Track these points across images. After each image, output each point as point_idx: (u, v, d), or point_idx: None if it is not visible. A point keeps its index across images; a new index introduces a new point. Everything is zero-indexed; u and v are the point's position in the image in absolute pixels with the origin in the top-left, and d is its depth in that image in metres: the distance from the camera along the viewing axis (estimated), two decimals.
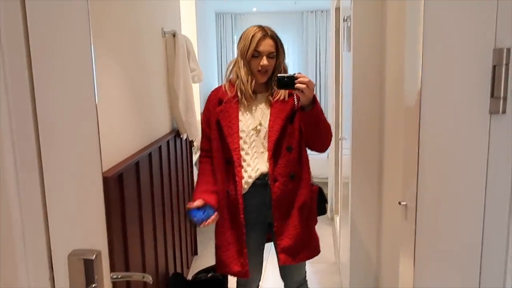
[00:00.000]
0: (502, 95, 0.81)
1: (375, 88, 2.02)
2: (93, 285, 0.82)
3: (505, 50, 0.81)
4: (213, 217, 1.64)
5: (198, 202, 1.64)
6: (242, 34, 1.69)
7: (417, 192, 0.93)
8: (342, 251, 2.68)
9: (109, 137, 1.53)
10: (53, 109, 0.76)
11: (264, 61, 1.62)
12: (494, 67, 0.82)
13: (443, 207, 0.92)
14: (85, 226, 0.83)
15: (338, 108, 3.21)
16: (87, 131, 0.79)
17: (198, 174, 1.79)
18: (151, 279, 0.90)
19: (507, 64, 0.81)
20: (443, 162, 0.89)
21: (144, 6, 2.13)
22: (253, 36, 1.62)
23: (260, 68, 1.63)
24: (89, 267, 0.83)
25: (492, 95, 0.83)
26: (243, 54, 1.65)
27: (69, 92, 0.76)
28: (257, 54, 1.62)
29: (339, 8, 3.01)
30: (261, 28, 1.65)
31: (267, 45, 1.63)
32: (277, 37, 1.67)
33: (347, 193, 2.33)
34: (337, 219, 3.30)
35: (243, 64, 1.65)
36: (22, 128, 0.75)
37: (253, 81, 1.66)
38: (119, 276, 1.01)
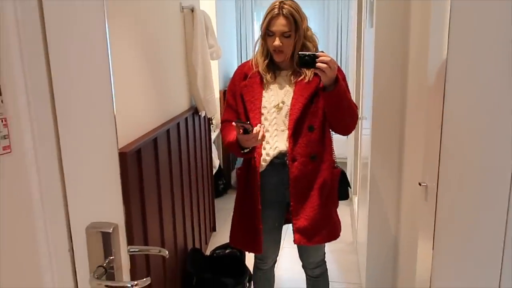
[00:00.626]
0: None
1: (397, 66, 1.95)
2: (111, 257, 0.84)
3: None
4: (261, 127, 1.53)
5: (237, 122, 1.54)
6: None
7: (438, 173, 0.90)
8: (360, 231, 2.67)
9: (127, 113, 1.54)
10: (69, 86, 0.76)
11: (277, 41, 1.57)
12: None
13: (465, 189, 0.89)
14: (102, 200, 0.85)
15: (358, 87, 3.14)
16: (103, 107, 0.79)
17: (224, 132, 1.71)
18: (167, 253, 0.91)
19: None
20: (466, 143, 0.86)
21: None
22: (267, 14, 1.58)
23: (273, 47, 1.59)
24: (106, 240, 0.84)
25: None
26: (261, 32, 1.62)
27: (85, 69, 0.76)
28: (271, 34, 1.58)
29: None
30: (277, 5, 1.57)
31: (279, 24, 1.57)
32: (293, 14, 1.57)
33: (366, 173, 2.30)
34: (356, 199, 3.28)
35: (261, 42, 1.64)
36: (40, 105, 0.76)
37: (266, 60, 1.64)
38: (137, 250, 1.03)
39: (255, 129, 1.51)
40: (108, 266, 0.84)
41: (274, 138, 1.65)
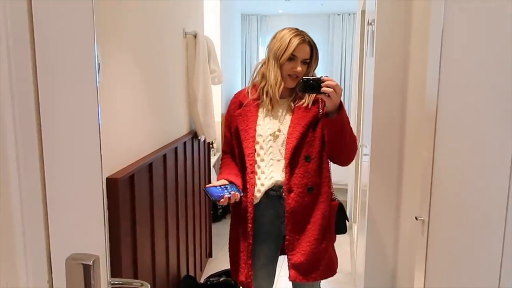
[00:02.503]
0: None
1: (397, 96, 1.95)
2: None
3: None
4: (234, 193, 1.52)
5: (219, 182, 1.56)
6: (276, 35, 1.62)
7: (429, 207, 0.88)
8: (358, 261, 2.61)
9: (122, 138, 1.53)
10: (56, 112, 0.75)
11: (299, 67, 1.57)
12: None
13: (458, 224, 0.86)
14: (85, 230, 0.83)
15: (360, 114, 3.14)
16: (89, 136, 0.78)
17: (221, 166, 1.73)
18: (149, 287, 0.88)
19: None
20: (459, 177, 0.84)
21: (165, 7, 2.13)
22: (291, 39, 1.56)
23: (292, 72, 1.58)
24: (87, 272, 0.82)
25: None
26: (277, 56, 1.58)
27: (72, 96, 0.75)
28: (293, 58, 1.57)
29: (365, 11, 2.94)
30: (299, 32, 1.59)
31: (304, 51, 1.57)
32: (315, 44, 1.62)
33: (365, 201, 2.26)
34: (355, 227, 3.22)
35: (275, 66, 1.59)
36: (25, 131, 0.75)
37: (282, 85, 1.60)
38: (119, 282, 1.00)
39: (232, 194, 1.50)
40: None
41: (269, 168, 1.61)
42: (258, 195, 1.61)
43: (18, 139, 0.75)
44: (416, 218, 1.20)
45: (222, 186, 1.52)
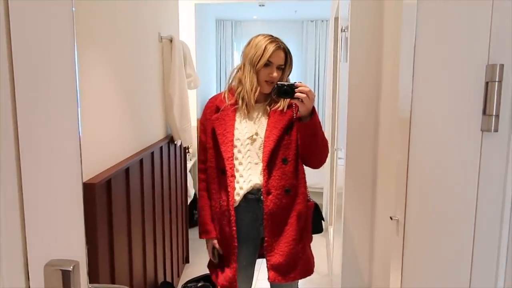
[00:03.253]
0: (494, 112, 0.80)
1: (371, 100, 2.00)
2: None
3: (498, 66, 0.79)
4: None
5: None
6: (251, 41, 1.65)
7: (405, 208, 0.91)
8: (335, 262, 2.65)
9: (99, 143, 1.51)
10: (33, 115, 0.74)
11: (275, 72, 1.61)
12: (486, 83, 0.80)
13: (432, 225, 0.90)
14: (63, 236, 0.82)
15: (334, 118, 3.20)
16: (68, 140, 0.77)
17: (200, 208, 1.76)
18: None
19: (500, 81, 0.79)
20: (432, 179, 0.87)
21: (141, 11, 2.11)
22: (266, 45, 1.59)
23: (269, 78, 1.61)
24: (66, 278, 0.80)
25: (484, 112, 0.81)
26: (253, 62, 1.61)
27: (50, 97, 0.74)
28: (268, 63, 1.60)
29: (338, 18, 3.01)
30: (274, 38, 1.63)
31: (279, 57, 1.61)
32: (289, 51, 1.66)
33: (341, 203, 2.30)
34: (331, 230, 3.27)
35: (251, 72, 1.62)
36: (1, 137, 0.73)
37: (257, 91, 1.62)
38: None
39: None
40: None
41: (248, 171, 1.63)
42: (237, 198, 1.63)
43: None
44: (391, 218, 1.23)
45: None
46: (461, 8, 0.82)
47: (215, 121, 1.66)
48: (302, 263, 1.68)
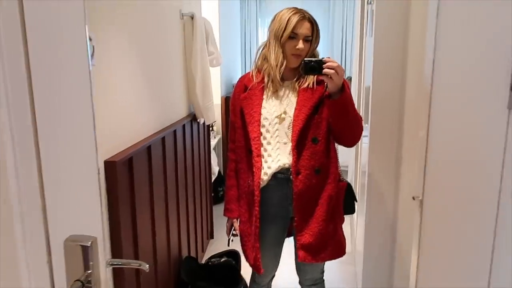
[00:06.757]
0: None
1: (396, 76, 1.93)
2: (89, 271, 0.83)
3: None
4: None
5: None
6: (276, 16, 1.60)
7: (423, 187, 0.88)
8: (358, 241, 2.64)
9: (120, 121, 1.53)
10: (50, 98, 0.75)
11: (301, 44, 1.54)
12: None
13: (452, 206, 0.87)
14: (82, 213, 0.84)
15: (360, 95, 3.12)
16: (84, 120, 0.78)
17: (227, 187, 1.77)
18: (147, 267, 0.89)
19: None
20: (453, 159, 0.84)
21: None
22: (290, 17, 1.54)
23: (295, 51, 1.55)
24: (85, 253, 0.83)
25: (511, 88, 0.76)
26: (277, 35, 1.55)
27: (66, 79, 0.75)
28: (293, 36, 1.54)
29: None
30: (298, 10, 1.57)
31: (305, 27, 1.54)
32: (315, 21, 1.59)
33: (364, 182, 2.27)
34: (356, 208, 3.24)
35: (277, 46, 1.56)
36: (20, 116, 0.75)
37: (283, 66, 1.57)
38: (118, 263, 1.01)
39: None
40: (86, 280, 0.82)
41: (276, 151, 1.59)
42: (265, 178, 1.60)
43: (12, 126, 0.75)
44: (413, 198, 1.20)
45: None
46: None
47: (243, 101, 1.63)
48: (333, 244, 1.65)
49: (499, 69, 0.78)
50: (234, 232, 1.75)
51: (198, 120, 2.69)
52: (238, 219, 1.75)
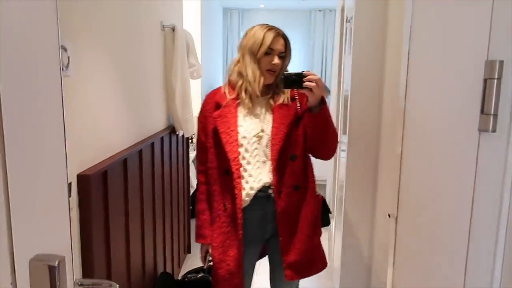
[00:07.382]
0: (492, 111, 0.76)
1: (374, 93, 1.97)
2: None
3: (497, 63, 0.76)
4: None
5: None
6: (248, 32, 1.60)
7: (397, 206, 0.89)
8: (336, 255, 2.64)
9: (95, 133, 1.50)
10: (17, 108, 0.73)
11: (276, 59, 1.54)
12: (485, 81, 0.77)
13: (425, 225, 0.87)
14: (50, 231, 0.81)
15: (338, 110, 3.16)
16: (54, 131, 0.76)
17: (198, 211, 1.69)
18: (117, 286, 0.86)
19: (499, 79, 0.76)
20: (426, 180, 0.85)
21: (143, 0, 2.09)
22: (265, 33, 1.54)
23: (271, 66, 1.55)
24: (52, 273, 0.80)
25: (482, 111, 0.78)
26: (253, 51, 1.55)
27: (36, 93, 0.73)
28: (269, 52, 1.54)
29: (344, 8, 2.95)
30: (272, 26, 1.58)
31: (279, 44, 1.56)
32: (287, 37, 1.60)
33: (342, 196, 2.28)
34: (333, 222, 3.25)
35: (252, 62, 1.55)
36: None
37: (261, 81, 1.55)
38: (85, 283, 0.98)
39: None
40: None
41: (257, 170, 1.56)
42: (248, 199, 1.56)
43: None
44: (389, 216, 1.21)
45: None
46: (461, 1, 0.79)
47: (217, 119, 1.57)
48: (319, 258, 1.67)
49: (471, 92, 0.80)
50: (210, 258, 1.67)
51: (177, 133, 2.67)
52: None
